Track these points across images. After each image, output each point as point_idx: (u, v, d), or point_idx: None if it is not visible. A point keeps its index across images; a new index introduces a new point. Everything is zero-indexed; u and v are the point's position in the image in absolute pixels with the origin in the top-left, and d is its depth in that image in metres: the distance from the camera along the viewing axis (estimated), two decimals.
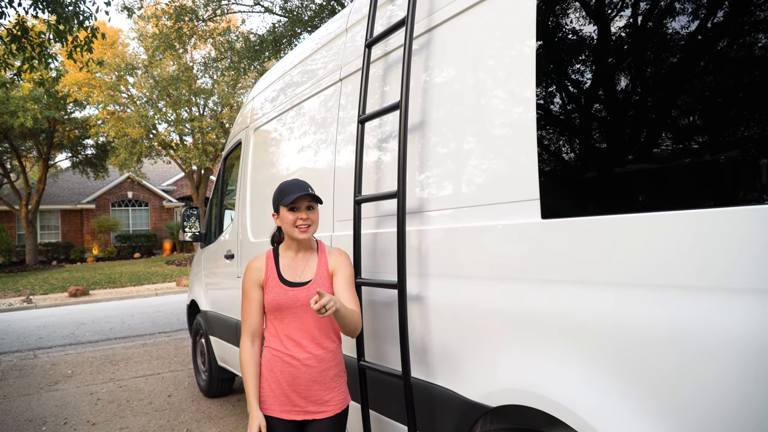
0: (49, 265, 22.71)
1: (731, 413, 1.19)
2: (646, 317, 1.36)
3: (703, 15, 1.33)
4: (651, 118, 1.44)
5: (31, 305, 13.23)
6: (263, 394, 2.21)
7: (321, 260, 2.27)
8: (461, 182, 2.02)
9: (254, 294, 2.24)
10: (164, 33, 13.94)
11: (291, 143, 3.51)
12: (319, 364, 2.18)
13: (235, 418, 4.57)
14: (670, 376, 1.30)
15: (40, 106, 19.57)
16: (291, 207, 2.18)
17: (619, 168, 1.50)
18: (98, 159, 25.09)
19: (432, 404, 2.08)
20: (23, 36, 7.83)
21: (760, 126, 1.20)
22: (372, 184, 2.52)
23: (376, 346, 2.45)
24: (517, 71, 1.81)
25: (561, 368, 1.57)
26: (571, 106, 1.66)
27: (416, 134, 2.27)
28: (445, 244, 2.07)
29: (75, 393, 5.60)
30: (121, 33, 22.45)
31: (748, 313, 1.17)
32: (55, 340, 8.73)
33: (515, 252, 1.75)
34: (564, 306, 1.58)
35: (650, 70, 1.44)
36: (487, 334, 1.85)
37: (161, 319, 10.30)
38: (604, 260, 1.48)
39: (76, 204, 26.21)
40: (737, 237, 1.20)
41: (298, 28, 12.61)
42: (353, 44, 2.84)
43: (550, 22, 1.72)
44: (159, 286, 16.12)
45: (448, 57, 2.15)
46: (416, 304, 2.18)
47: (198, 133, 21.04)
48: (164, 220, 28.19)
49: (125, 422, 4.60)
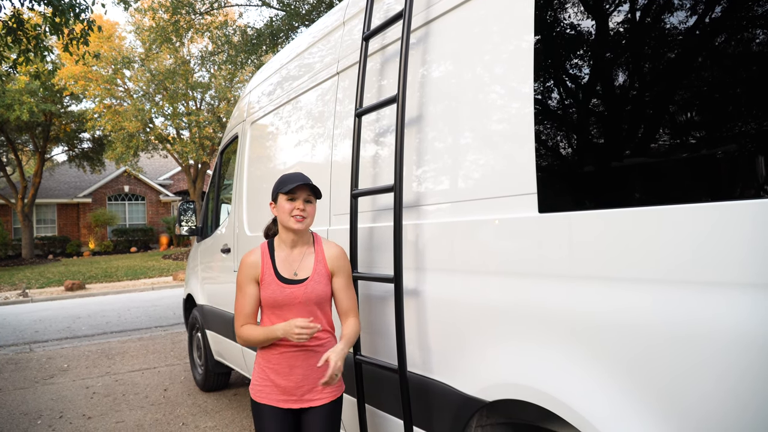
0: (46, 259, 22.66)
1: (729, 406, 1.19)
2: (643, 312, 1.36)
3: (701, 10, 1.32)
4: (648, 113, 1.43)
5: (27, 299, 13.20)
6: (260, 383, 2.23)
7: (318, 255, 2.28)
8: (458, 176, 2.02)
9: (250, 289, 2.24)
10: (161, 26, 13.86)
11: (288, 137, 3.50)
12: (316, 355, 2.21)
13: (231, 412, 4.58)
14: (667, 370, 1.30)
15: (36, 99, 19.48)
16: (290, 197, 2.19)
17: (617, 162, 1.50)
18: (95, 153, 25.00)
19: (428, 398, 2.08)
20: (19, 28, 7.78)
21: (758, 121, 1.20)
22: (369, 178, 2.51)
23: (372, 341, 2.45)
24: (515, 66, 1.80)
25: (557, 363, 1.57)
26: (569, 101, 1.66)
27: (413, 128, 2.26)
28: (441, 238, 2.07)
29: (71, 387, 5.59)
30: (117, 26, 22.33)
31: (750, 308, 1.16)
32: (51, 334, 8.72)
33: (512, 246, 1.75)
34: (561, 300, 1.58)
35: (648, 65, 1.44)
36: (484, 329, 1.84)
37: (157, 313, 10.29)
38: (601, 255, 1.47)
39: (72, 198, 26.13)
40: (739, 231, 1.19)
41: (295, 21, 12.55)
42: (350, 38, 2.82)
43: (549, 17, 1.71)
44: (155, 280, 16.10)
45: (445, 51, 2.14)
46: (412, 299, 2.17)
47: (195, 127, 20.97)
48: (161, 214, 28.13)
49: (121, 416, 4.59)
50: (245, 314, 2.24)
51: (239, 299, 2.26)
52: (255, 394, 2.24)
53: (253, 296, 2.24)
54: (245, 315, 2.24)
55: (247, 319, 2.24)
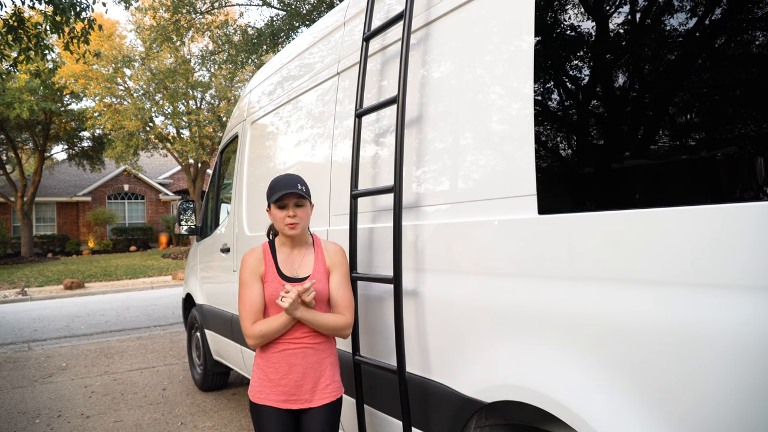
0: (45, 258, 22.65)
1: (729, 409, 1.19)
2: (643, 314, 1.36)
3: (701, 12, 1.32)
4: (648, 115, 1.43)
5: (26, 297, 13.19)
6: (259, 384, 2.22)
7: (318, 255, 2.29)
8: (458, 177, 2.02)
9: (255, 285, 2.22)
10: (161, 25, 13.87)
11: (288, 137, 3.50)
12: (315, 354, 2.21)
13: (230, 412, 4.57)
14: (667, 372, 1.30)
15: (37, 98, 19.49)
16: (279, 204, 2.19)
17: (617, 164, 1.50)
18: (94, 151, 25.01)
19: (427, 399, 2.08)
20: (20, 27, 7.78)
21: (760, 122, 1.19)
22: (369, 178, 2.51)
23: (372, 341, 2.45)
24: (515, 66, 1.80)
25: (557, 364, 1.57)
26: (569, 102, 1.66)
27: (413, 129, 2.26)
28: (441, 239, 2.07)
29: (69, 386, 5.59)
30: (118, 25, 22.33)
31: (751, 310, 1.16)
32: (49, 333, 8.72)
33: (512, 247, 1.75)
34: (560, 302, 1.57)
35: (648, 66, 1.44)
36: (483, 330, 1.84)
37: (156, 313, 10.28)
38: (601, 256, 1.47)
39: (72, 196, 26.12)
40: (740, 233, 1.19)
41: (296, 21, 12.54)
42: (351, 38, 2.82)
43: (549, 18, 1.71)
44: (155, 279, 16.10)
45: (446, 52, 2.14)
46: (412, 299, 2.17)
47: (195, 126, 20.98)
48: (160, 213, 28.13)
49: (119, 415, 4.59)
50: (254, 311, 2.20)
51: (246, 296, 2.22)
52: (254, 396, 2.23)
53: (259, 292, 2.22)
54: (254, 312, 2.20)
55: (257, 315, 2.20)
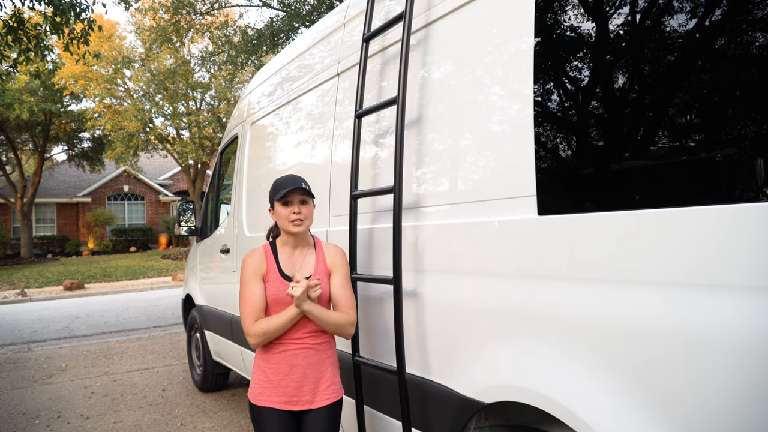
0: (44, 259, 22.63)
1: (732, 411, 1.19)
2: (643, 315, 1.36)
3: (701, 13, 1.32)
4: (648, 116, 1.43)
5: (26, 298, 13.18)
6: (260, 385, 2.22)
7: (319, 256, 2.30)
8: (458, 178, 2.02)
9: (257, 285, 2.22)
10: (161, 26, 13.87)
11: (287, 138, 3.50)
12: (316, 354, 2.22)
13: (229, 413, 4.57)
14: (669, 373, 1.30)
15: (36, 99, 19.49)
16: (284, 201, 2.20)
17: (617, 165, 1.50)
18: (94, 152, 24.99)
19: (427, 400, 2.08)
20: (19, 28, 7.77)
21: (761, 123, 1.20)
22: (368, 179, 2.51)
23: (371, 342, 2.45)
24: (515, 67, 1.80)
25: (557, 365, 1.57)
26: (569, 103, 1.66)
27: (413, 129, 2.26)
28: (441, 240, 2.07)
29: (69, 386, 5.58)
30: (118, 26, 22.33)
31: (754, 311, 1.15)
32: (49, 334, 8.71)
33: (511, 248, 1.75)
34: (560, 303, 1.57)
35: (649, 68, 1.44)
36: (483, 331, 1.84)
37: (156, 314, 10.28)
38: (601, 257, 1.47)
39: (71, 197, 26.11)
40: (742, 234, 1.19)
41: (296, 22, 12.54)
42: (351, 39, 2.82)
43: (549, 19, 1.71)
44: (154, 280, 16.09)
45: (446, 53, 2.14)
46: (411, 300, 2.17)
47: (195, 127, 20.96)
48: (160, 214, 28.12)
49: (119, 416, 4.59)
50: (255, 310, 2.19)
51: (247, 295, 2.21)
52: (254, 398, 2.22)
53: (261, 292, 2.21)
54: (256, 311, 2.19)
55: (259, 314, 2.20)
